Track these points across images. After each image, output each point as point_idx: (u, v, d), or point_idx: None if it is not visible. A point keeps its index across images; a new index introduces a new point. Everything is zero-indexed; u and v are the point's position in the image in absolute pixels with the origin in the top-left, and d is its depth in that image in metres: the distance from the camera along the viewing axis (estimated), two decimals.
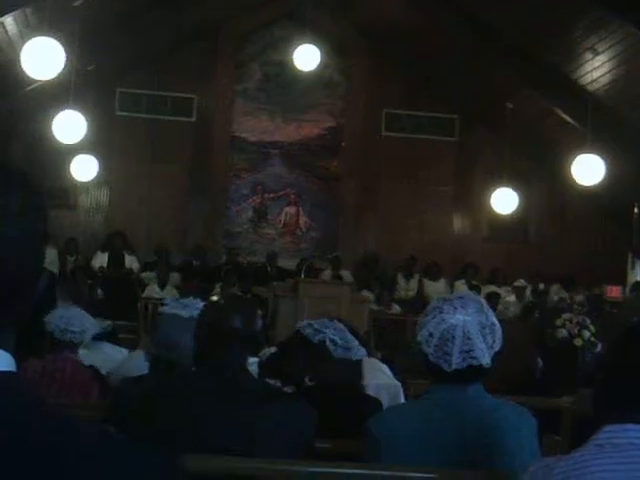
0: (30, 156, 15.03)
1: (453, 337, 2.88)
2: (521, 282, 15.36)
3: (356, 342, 4.15)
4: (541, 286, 15.35)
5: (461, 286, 15.11)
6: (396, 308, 14.50)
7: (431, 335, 2.91)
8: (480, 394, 2.97)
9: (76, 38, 11.10)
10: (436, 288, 15.36)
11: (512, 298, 15.05)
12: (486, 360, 2.91)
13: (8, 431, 1.14)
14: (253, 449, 2.88)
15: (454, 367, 2.88)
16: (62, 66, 10.26)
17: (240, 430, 2.90)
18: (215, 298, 3.28)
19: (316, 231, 16.90)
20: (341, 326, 4.20)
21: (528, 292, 15.21)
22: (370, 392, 4.91)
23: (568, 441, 4.61)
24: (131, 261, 15.33)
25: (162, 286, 14.29)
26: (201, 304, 3.99)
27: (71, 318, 5.16)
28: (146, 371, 4.26)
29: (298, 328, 4.40)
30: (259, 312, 3.27)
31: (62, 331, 5.09)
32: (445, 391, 2.95)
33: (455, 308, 2.92)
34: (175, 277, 14.75)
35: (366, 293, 14.49)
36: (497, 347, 2.97)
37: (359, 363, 4.22)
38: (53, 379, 4.92)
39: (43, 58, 10.08)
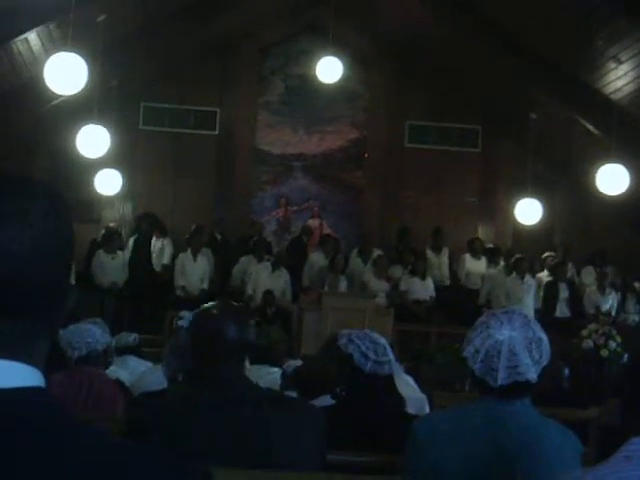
0: (54, 170, 15.12)
1: (499, 353, 2.89)
2: (548, 253, 15.50)
3: (389, 357, 4.11)
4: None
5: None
6: (430, 285, 14.56)
7: (477, 351, 2.92)
8: (526, 409, 2.97)
9: (100, 53, 11.16)
10: (477, 266, 15.34)
11: (544, 273, 15.11)
12: (532, 375, 2.91)
13: (40, 446, 1.15)
14: (262, 459, 2.87)
15: (500, 383, 2.88)
16: (85, 81, 10.32)
17: (247, 440, 2.89)
18: (207, 306, 3.23)
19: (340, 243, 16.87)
20: (378, 339, 4.17)
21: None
22: None
23: (595, 452, 4.58)
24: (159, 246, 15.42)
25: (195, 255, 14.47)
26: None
27: (73, 334, 5.15)
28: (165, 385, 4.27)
29: (335, 336, 4.37)
30: (251, 320, 3.25)
31: (67, 348, 5.10)
32: (491, 403, 2.95)
33: (501, 323, 2.92)
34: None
35: (397, 269, 14.55)
36: (544, 361, 2.96)
37: (390, 378, 4.17)
38: (79, 393, 4.93)
39: (66, 73, 10.14)
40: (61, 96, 11.96)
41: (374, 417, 3.93)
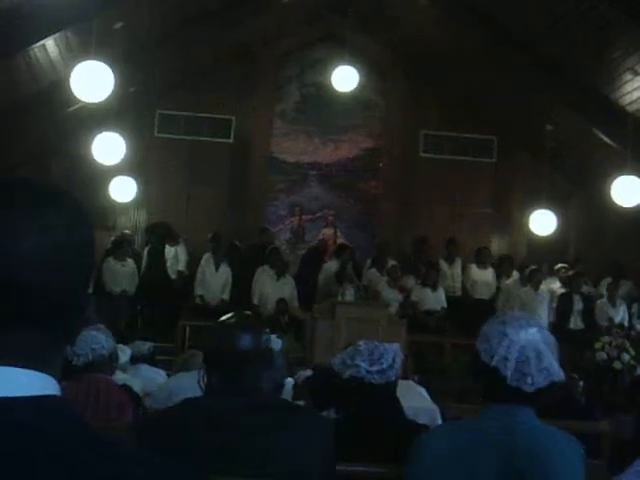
0: (70, 177, 15.15)
1: (528, 357, 2.86)
2: (561, 265, 15.45)
3: (382, 366, 4.05)
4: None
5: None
6: (441, 296, 14.50)
7: (506, 359, 2.87)
8: (530, 420, 2.93)
9: (117, 61, 11.19)
10: (483, 276, 15.24)
11: (557, 284, 15.06)
12: (560, 375, 2.89)
13: (58, 456, 1.15)
14: (275, 467, 2.87)
15: (536, 386, 2.85)
16: (111, 89, 10.32)
17: (259, 449, 2.90)
18: (223, 317, 3.27)
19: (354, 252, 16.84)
20: (377, 347, 4.12)
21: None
22: (408, 415, 4.85)
23: (607, 465, 4.56)
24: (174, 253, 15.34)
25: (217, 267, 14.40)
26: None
27: (77, 341, 5.09)
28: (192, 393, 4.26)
29: (331, 364, 4.34)
30: (266, 330, 3.28)
31: (71, 355, 5.09)
32: (498, 413, 2.91)
33: (520, 327, 2.90)
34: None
35: (410, 279, 14.55)
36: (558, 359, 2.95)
37: (386, 386, 4.12)
38: (87, 400, 4.92)
39: (93, 81, 10.13)
40: (78, 103, 11.99)
41: (371, 429, 3.91)
